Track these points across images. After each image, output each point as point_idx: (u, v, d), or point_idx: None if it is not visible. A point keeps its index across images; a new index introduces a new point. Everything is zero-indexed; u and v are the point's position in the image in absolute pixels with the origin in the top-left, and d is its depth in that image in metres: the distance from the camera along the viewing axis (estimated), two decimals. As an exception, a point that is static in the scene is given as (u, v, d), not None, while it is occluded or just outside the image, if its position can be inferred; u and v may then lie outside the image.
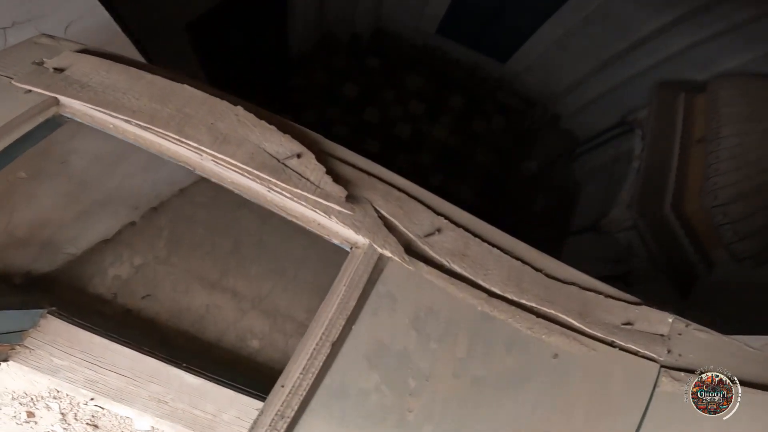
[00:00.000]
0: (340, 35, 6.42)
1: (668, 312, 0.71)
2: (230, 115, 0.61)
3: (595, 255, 4.24)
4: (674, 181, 2.99)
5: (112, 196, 0.96)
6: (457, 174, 6.06)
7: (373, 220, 0.67)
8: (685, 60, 3.66)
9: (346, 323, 0.81)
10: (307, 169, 0.62)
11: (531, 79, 5.92)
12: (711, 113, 2.87)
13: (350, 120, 6.16)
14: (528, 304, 0.70)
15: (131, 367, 0.91)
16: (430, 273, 0.66)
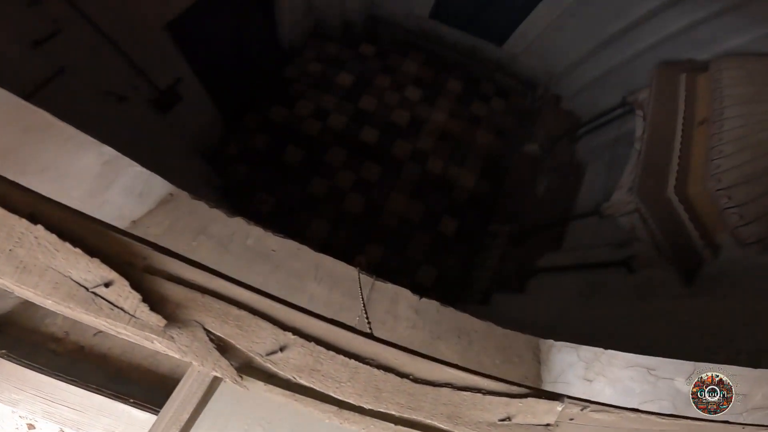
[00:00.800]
0: (332, 23, 6.29)
1: (562, 401, 0.63)
2: (29, 237, 0.54)
3: (598, 240, 4.15)
4: (677, 164, 2.89)
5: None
6: (457, 159, 5.97)
7: (203, 344, 0.63)
8: (685, 39, 3.48)
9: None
10: (120, 297, 0.57)
11: (529, 60, 5.76)
12: (714, 94, 2.74)
13: (346, 109, 6.08)
14: (387, 412, 0.65)
15: (81, 403, 0.94)
16: (271, 390, 0.62)
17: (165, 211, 1.13)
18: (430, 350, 1.14)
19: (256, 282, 1.21)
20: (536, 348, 1.25)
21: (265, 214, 5.43)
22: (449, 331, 1.19)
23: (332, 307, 1.09)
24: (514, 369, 1.18)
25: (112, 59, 3.26)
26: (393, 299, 1.18)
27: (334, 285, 1.15)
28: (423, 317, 1.19)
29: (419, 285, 5.42)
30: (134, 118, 3.48)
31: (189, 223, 1.13)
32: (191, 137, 5.02)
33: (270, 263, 1.14)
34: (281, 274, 1.13)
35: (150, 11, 3.38)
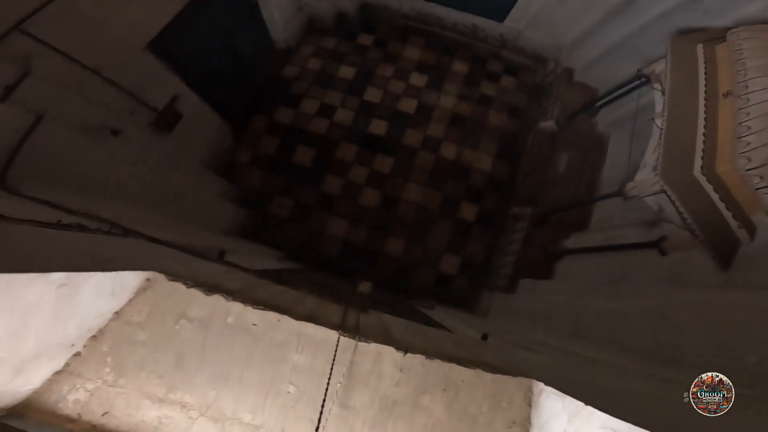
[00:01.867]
0: (325, 16, 6.10)
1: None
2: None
3: (626, 219, 3.96)
4: (702, 142, 2.65)
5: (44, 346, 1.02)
6: (471, 142, 5.78)
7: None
8: (698, 6, 3.11)
9: None
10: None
11: (534, 35, 5.41)
12: (735, 66, 2.45)
13: (352, 103, 5.99)
14: None
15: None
16: None
17: (144, 298, 1.17)
18: (414, 405, 1.16)
19: (239, 357, 1.27)
20: (529, 390, 1.23)
21: (285, 219, 5.56)
22: (435, 384, 1.18)
23: (315, 375, 1.12)
24: (502, 414, 1.17)
25: (98, 89, 3.24)
26: (376, 359, 1.19)
27: (317, 352, 1.17)
28: (407, 373, 1.18)
29: (444, 275, 5.41)
30: (134, 149, 3.47)
31: (169, 308, 1.17)
32: (201, 153, 5.11)
33: (252, 337, 1.17)
34: (264, 347, 1.17)
35: (126, 34, 3.34)
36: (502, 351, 1.89)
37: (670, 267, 3.18)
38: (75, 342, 1.06)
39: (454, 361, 1.23)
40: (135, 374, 1.08)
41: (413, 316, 3.04)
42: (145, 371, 1.09)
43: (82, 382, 1.07)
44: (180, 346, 1.13)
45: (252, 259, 3.49)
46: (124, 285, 1.13)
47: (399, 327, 1.69)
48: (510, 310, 4.35)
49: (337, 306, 1.71)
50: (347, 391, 1.11)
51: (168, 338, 1.12)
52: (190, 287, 1.19)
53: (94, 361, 1.08)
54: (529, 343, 2.79)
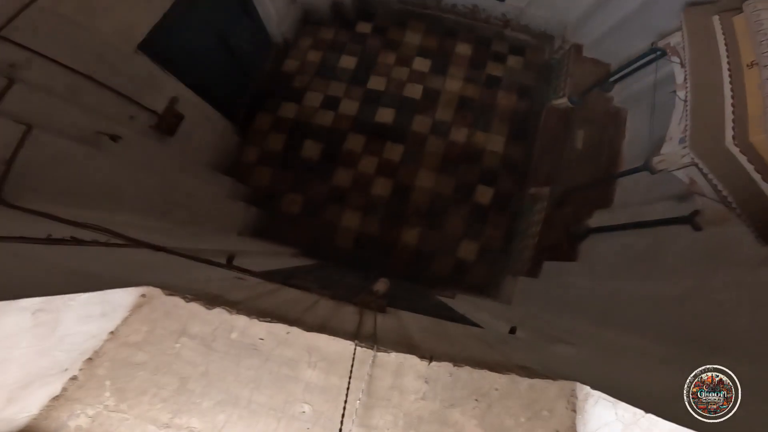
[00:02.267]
0: (321, 7, 5.90)
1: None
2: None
3: (655, 193, 3.74)
4: (731, 112, 2.47)
5: (33, 373, 0.93)
6: (481, 125, 5.56)
7: None
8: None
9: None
10: None
11: (538, 12, 5.16)
12: (757, 36, 2.32)
13: (356, 93, 5.82)
14: None
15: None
16: None
17: (140, 316, 1.07)
18: (442, 421, 1.03)
19: (247, 378, 1.16)
20: (571, 394, 1.09)
21: (297, 215, 5.48)
22: (465, 396, 1.05)
23: (331, 393, 1.01)
24: (543, 424, 1.04)
25: (92, 95, 3.17)
26: (397, 371, 1.06)
27: (331, 367, 1.05)
28: (433, 385, 1.06)
29: (462, 262, 5.27)
30: (136, 154, 3.40)
31: (168, 325, 1.07)
32: (206, 154, 5.03)
33: (259, 354, 1.05)
34: (273, 365, 1.05)
35: (114, 37, 3.28)
36: (535, 347, 1.75)
37: (707, 243, 2.99)
38: (68, 366, 0.97)
39: (484, 367, 1.10)
40: (137, 398, 0.99)
41: (434, 309, 2.92)
42: (147, 395, 0.99)
43: (82, 407, 0.98)
44: (182, 368, 1.02)
45: (264, 260, 3.41)
46: (116, 303, 1.03)
47: (420, 327, 1.56)
48: (534, 294, 4.20)
49: (351, 308, 1.59)
50: (367, 410, 0.99)
51: (169, 359, 1.01)
52: (190, 301, 1.08)
53: (92, 386, 0.99)
54: (559, 332, 2.65)
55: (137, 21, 3.48)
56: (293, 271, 3.01)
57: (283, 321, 1.09)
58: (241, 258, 2.99)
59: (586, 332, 2.99)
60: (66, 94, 2.95)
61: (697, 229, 3.09)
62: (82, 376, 1.03)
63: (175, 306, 1.08)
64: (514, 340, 1.81)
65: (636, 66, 3.94)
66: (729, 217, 2.78)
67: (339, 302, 1.64)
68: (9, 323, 0.80)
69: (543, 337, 2.30)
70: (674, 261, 3.20)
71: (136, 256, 1.67)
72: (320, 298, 1.63)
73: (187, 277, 1.45)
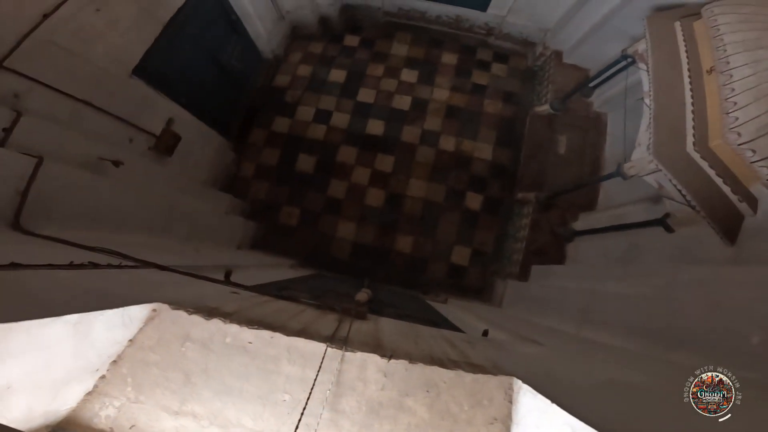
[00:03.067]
0: (308, 22, 6.22)
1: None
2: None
3: (632, 196, 3.99)
4: (692, 119, 2.69)
5: (72, 373, 1.20)
6: (469, 132, 5.84)
7: None
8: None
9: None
10: None
11: (518, 20, 5.46)
12: (714, 42, 2.47)
13: (346, 106, 6.12)
14: None
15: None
16: None
17: (152, 326, 1.35)
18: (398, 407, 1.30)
19: (238, 373, 1.43)
20: (508, 387, 1.35)
21: (294, 227, 5.76)
22: (418, 386, 1.31)
23: (307, 384, 1.27)
24: (483, 411, 1.29)
25: (93, 121, 3.40)
26: (361, 366, 1.33)
27: (307, 363, 1.32)
28: (391, 378, 1.32)
29: (456, 266, 5.52)
30: (138, 176, 3.63)
31: (175, 332, 1.34)
32: (204, 171, 5.32)
33: (248, 354, 1.33)
34: (259, 362, 1.33)
35: (109, 63, 3.48)
36: (498, 347, 2.00)
37: (678, 244, 3.22)
38: (99, 367, 1.24)
39: (436, 363, 1.36)
40: (152, 391, 1.26)
41: (420, 314, 3.18)
42: (160, 388, 1.26)
43: (110, 400, 1.25)
44: (187, 366, 1.30)
45: (262, 273, 3.68)
46: (133, 317, 1.31)
47: (393, 331, 1.83)
48: (523, 297, 4.44)
49: (333, 316, 1.86)
50: (336, 397, 1.25)
51: (176, 359, 1.29)
52: (191, 314, 1.36)
53: (117, 382, 1.26)
54: (536, 333, 2.89)
55: (130, 47, 3.73)
56: (288, 283, 3.28)
57: (268, 328, 1.36)
58: (238, 272, 3.26)
59: (564, 331, 3.23)
60: (70, 122, 3.19)
61: (669, 231, 3.33)
62: (109, 375, 1.30)
63: (179, 317, 1.36)
64: (482, 342, 2.07)
65: (611, 73, 4.19)
66: (697, 219, 3.00)
67: (323, 311, 1.91)
68: (55, 333, 1.08)
69: (516, 337, 2.55)
70: (649, 261, 3.44)
71: (145, 276, 1.95)
72: (306, 308, 1.90)
73: (189, 292, 1.73)
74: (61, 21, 2.99)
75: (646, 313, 2.71)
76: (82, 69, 3.28)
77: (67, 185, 2.69)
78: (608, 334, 2.91)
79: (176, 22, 4.16)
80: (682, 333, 2.38)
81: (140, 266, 2.03)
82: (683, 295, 2.56)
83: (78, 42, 3.19)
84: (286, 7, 5.95)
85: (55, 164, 2.55)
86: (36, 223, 2.39)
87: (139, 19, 3.71)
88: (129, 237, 3.16)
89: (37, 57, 2.89)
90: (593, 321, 3.11)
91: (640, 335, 2.63)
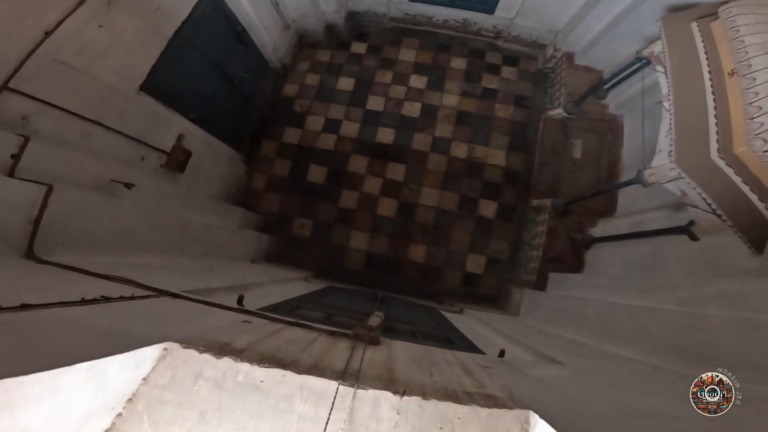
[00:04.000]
0: (314, 31, 6.25)
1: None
2: None
3: (653, 202, 3.89)
4: (715, 124, 2.60)
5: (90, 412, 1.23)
6: (481, 138, 5.80)
7: None
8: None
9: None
10: None
11: (527, 22, 5.41)
12: (734, 44, 2.39)
13: (356, 114, 6.13)
14: None
15: None
16: None
17: (165, 365, 1.36)
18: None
19: (251, 411, 1.44)
20: (525, 421, 1.32)
21: (307, 239, 5.79)
22: (431, 423, 1.30)
23: (319, 422, 1.27)
24: (499, 447, 1.28)
25: (103, 141, 3.40)
26: (374, 404, 1.32)
27: (319, 402, 1.32)
28: (404, 415, 1.31)
29: (470, 275, 5.48)
30: (150, 196, 3.63)
31: (187, 371, 1.36)
32: (216, 186, 5.38)
33: (261, 392, 1.33)
34: (272, 400, 1.33)
35: (116, 80, 3.47)
36: (515, 371, 1.97)
37: (703, 253, 3.12)
38: (114, 405, 1.27)
39: (450, 399, 1.35)
40: (168, 428, 1.28)
41: (435, 331, 3.16)
42: (175, 426, 1.28)
43: (130, 438, 1.28)
44: (201, 404, 1.31)
45: (276, 289, 3.71)
46: (145, 357, 1.33)
47: (408, 359, 1.81)
48: (541, 306, 4.37)
49: (345, 343, 1.86)
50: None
51: (190, 397, 1.30)
52: (203, 352, 1.37)
53: (133, 420, 1.28)
54: (554, 347, 2.84)
55: (136, 63, 3.72)
56: (301, 301, 3.30)
57: (279, 365, 1.37)
58: (252, 291, 3.31)
59: (585, 343, 3.16)
60: (79, 143, 3.18)
61: (693, 239, 3.23)
62: (126, 413, 1.33)
63: (191, 356, 1.37)
64: (499, 365, 2.04)
65: (626, 74, 4.10)
66: (723, 227, 2.90)
67: (335, 338, 1.91)
68: (69, 380, 1.10)
69: (534, 355, 2.51)
70: (672, 271, 3.35)
71: (158, 306, 1.98)
72: (318, 335, 1.91)
73: (202, 323, 1.75)
74: (65, 38, 2.97)
75: (670, 328, 2.64)
76: (89, 87, 3.27)
77: (80, 210, 2.70)
78: (631, 349, 2.84)
79: (181, 35, 4.18)
80: (710, 349, 2.31)
81: (152, 295, 2.06)
82: (710, 310, 2.49)
83: (83, 59, 3.18)
84: (292, 15, 5.98)
85: (66, 189, 2.56)
86: (50, 250, 2.43)
87: (143, 33, 3.71)
88: (143, 259, 3.20)
89: (42, 77, 2.88)
90: (615, 334, 3.05)
91: (665, 351, 2.56)
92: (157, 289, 2.14)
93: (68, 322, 1.46)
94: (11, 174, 2.42)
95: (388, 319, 3.11)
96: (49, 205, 2.40)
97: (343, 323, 2.78)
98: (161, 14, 3.88)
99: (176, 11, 4.09)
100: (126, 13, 3.45)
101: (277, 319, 2.02)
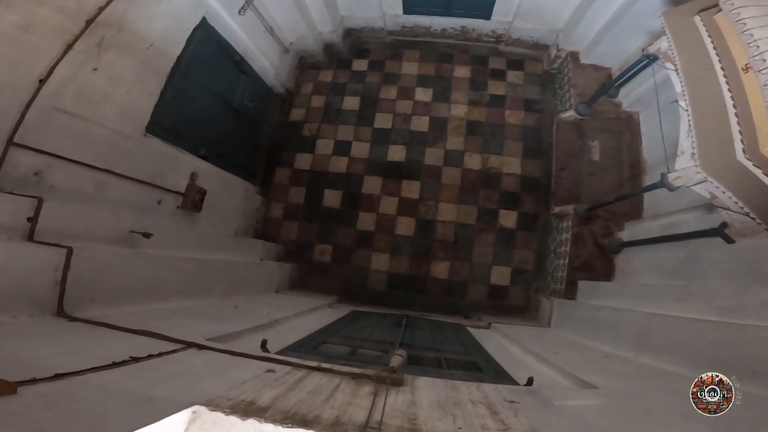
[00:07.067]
0: (314, 51, 6.40)
1: None
2: None
3: (684, 204, 3.79)
4: (737, 122, 2.53)
5: None
6: (494, 147, 5.79)
7: None
8: None
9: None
10: None
11: (526, 24, 5.44)
12: (743, 38, 2.34)
13: (365, 134, 6.21)
14: None
15: None
16: None
17: (195, 427, 1.45)
18: None
19: (280, 478, 1.50)
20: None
21: (329, 264, 5.88)
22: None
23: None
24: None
25: (119, 188, 3.46)
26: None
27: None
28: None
29: (496, 287, 5.44)
30: (170, 241, 3.68)
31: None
32: (234, 220, 5.53)
33: (286, 453, 1.40)
34: (297, 461, 1.39)
35: (121, 123, 3.49)
36: (544, 403, 1.96)
37: (740, 257, 3.02)
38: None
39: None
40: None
41: (461, 356, 3.15)
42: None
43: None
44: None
45: (299, 323, 3.79)
46: (176, 421, 1.42)
47: (432, 400, 1.84)
48: (573, 317, 4.30)
49: (368, 388, 1.90)
50: (375, 493, 1.29)
51: (219, 463, 1.37)
52: (228, 414, 1.45)
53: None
54: (588, 365, 2.79)
55: (137, 104, 3.71)
56: (324, 334, 3.36)
57: (302, 424, 1.42)
58: (277, 327, 3.39)
59: (620, 356, 3.09)
60: (95, 194, 3.26)
61: (729, 242, 3.13)
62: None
63: (218, 419, 1.45)
64: (527, 396, 2.03)
65: (634, 71, 4.04)
66: (759, 229, 2.81)
67: (357, 382, 1.95)
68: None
69: (566, 377, 2.48)
70: (710, 277, 3.23)
71: (185, 360, 2.08)
72: (341, 381, 1.96)
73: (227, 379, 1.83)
74: (61, 85, 2.95)
75: (711, 340, 2.56)
76: (95, 134, 3.28)
77: (103, 265, 2.78)
78: (670, 363, 2.77)
79: (179, 70, 4.22)
80: (756, 363, 2.23)
81: (179, 349, 2.17)
82: (753, 320, 2.41)
83: (84, 105, 3.17)
84: (289, 39, 6.10)
85: (86, 247, 2.65)
86: (80, 306, 2.55)
87: (140, 73, 3.70)
88: (169, 303, 3.33)
89: (47, 127, 2.88)
90: (652, 346, 2.98)
91: (707, 364, 2.47)
92: (184, 342, 2.24)
93: (101, 387, 1.56)
94: (30, 238, 2.49)
95: (412, 348, 3.13)
96: (72, 266, 2.49)
97: (366, 357, 2.83)
98: (155, 51, 3.87)
99: (170, 47, 4.08)
100: (119, 54, 3.44)
101: (300, 365, 2.09)
